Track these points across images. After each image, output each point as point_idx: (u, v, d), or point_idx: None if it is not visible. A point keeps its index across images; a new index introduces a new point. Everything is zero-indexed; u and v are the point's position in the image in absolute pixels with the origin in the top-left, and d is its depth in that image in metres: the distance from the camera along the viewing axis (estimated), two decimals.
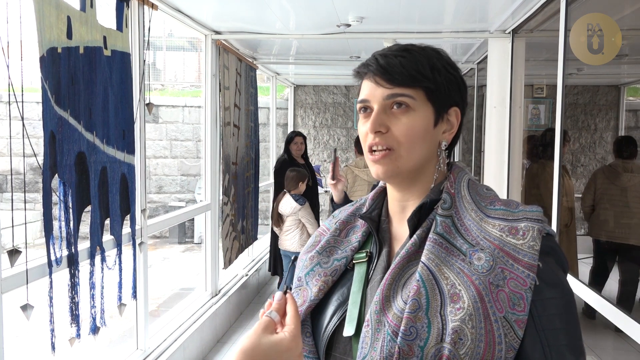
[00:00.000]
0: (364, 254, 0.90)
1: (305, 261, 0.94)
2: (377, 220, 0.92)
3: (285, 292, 0.81)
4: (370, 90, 0.85)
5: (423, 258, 0.80)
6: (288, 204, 4.45)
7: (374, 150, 0.84)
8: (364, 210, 0.94)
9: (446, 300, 0.76)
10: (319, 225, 0.89)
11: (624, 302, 4.01)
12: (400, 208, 0.90)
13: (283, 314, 0.79)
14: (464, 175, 0.88)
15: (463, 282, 0.76)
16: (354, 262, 0.90)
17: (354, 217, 0.96)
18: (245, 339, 0.75)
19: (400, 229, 0.90)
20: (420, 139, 0.83)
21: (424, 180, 0.88)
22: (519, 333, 0.73)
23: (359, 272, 0.88)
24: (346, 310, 0.85)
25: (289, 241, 4.54)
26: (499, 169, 3.93)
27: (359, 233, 0.93)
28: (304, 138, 5.31)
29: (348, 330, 0.83)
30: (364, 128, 0.86)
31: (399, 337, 0.75)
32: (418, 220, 0.85)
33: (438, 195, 0.86)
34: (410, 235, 0.85)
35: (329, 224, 1.00)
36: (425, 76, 0.83)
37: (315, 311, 0.89)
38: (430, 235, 0.81)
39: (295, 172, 4.55)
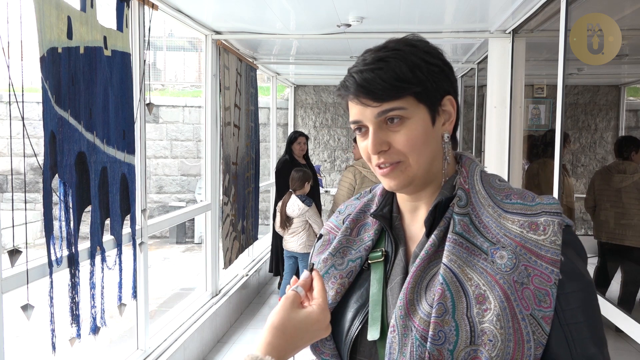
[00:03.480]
0: (380, 253, 0.88)
1: (319, 264, 0.92)
2: (389, 217, 0.90)
3: (311, 270, 0.82)
4: (359, 111, 0.81)
5: (444, 259, 0.78)
6: (295, 205, 4.43)
7: (382, 167, 0.82)
8: (374, 207, 0.92)
9: (472, 302, 0.75)
10: None
11: (625, 302, 4.01)
12: (413, 207, 0.89)
13: (308, 289, 0.80)
14: (476, 168, 0.86)
15: (487, 282, 0.75)
16: (369, 262, 0.88)
17: (363, 214, 0.93)
18: (273, 316, 0.76)
19: (414, 226, 0.88)
20: (423, 143, 0.81)
21: (435, 177, 0.86)
22: (546, 329, 0.73)
23: (376, 272, 0.87)
24: (367, 313, 0.84)
25: (295, 242, 4.51)
26: (499, 169, 3.93)
27: (371, 231, 0.90)
28: (307, 138, 5.31)
29: (373, 335, 0.81)
30: (363, 144, 0.83)
31: (428, 342, 0.74)
32: (434, 219, 0.83)
33: (451, 191, 0.84)
34: (428, 235, 0.83)
35: (336, 221, 0.97)
36: (409, 81, 0.79)
37: (333, 314, 0.87)
38: (449, 235, 0.80)
39: (301, 172, 4.53)
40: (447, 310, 0.75)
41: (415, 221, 0.88)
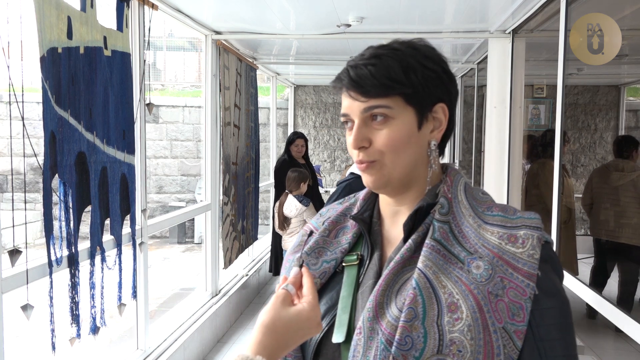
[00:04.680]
0: (355, 257, 0.87)
1: (293, 262, 0.92)
2: (368, 221, 0.90)
3: (300, 267, 0.81)
4: (348, 104, 0.82)
5: (420, 264, 0.77)
6: (293, 205, 4.44)
7: (362, 162, 0.83)
8: (355, 210, 0.91)
9: (443, 310, 0.74)
10: None
11: (623, 302, 4.01)
12: (393, 212, 0.88)
13: (299, 287, 0.79)
14: (460, 179, 0.86)
15: (461, 291, 0.74)
16: (343, 264, 0.87)
17: (344, 217, 0.93)
18: (264, 314, 0.75)
19: (392, 232, 0.88)
20: (404, 145, 0.81)
21: (417, 183, 0.85)
22: (518, 344, 0.72)
23: (349, 275, 0.86)
24: (335, 316, 0.83)
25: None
26: (499, 169, 3.93)
27: (349, 234, 0.90)
28: (306, 140, 5.30)
29: (337, 337, 0.80)
30: (349, 140, 0.83)
31: (393, 347, 0.73)
32: (413, 224, 0.82)
33: (434, 198, 0.83)
34: (405, 240, 0.82)
35: (316, 222, 0.96)
36: (398, 81, 0.79)
37: None
38: (427, 241, 0.79)
39: (297, 172, 4.54)
40: (417, 316, 0.74)
41: (394, 227, 0.87)
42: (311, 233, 0.95)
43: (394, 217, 0.88)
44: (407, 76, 0.79)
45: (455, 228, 0.80)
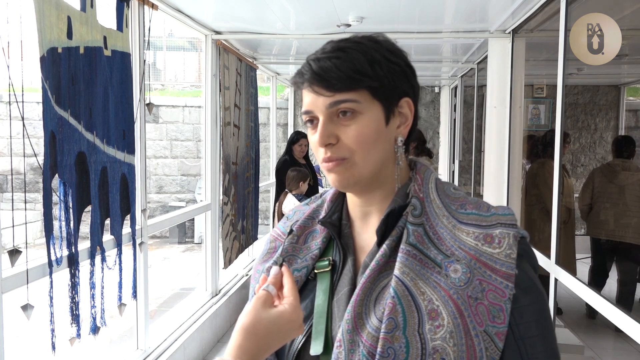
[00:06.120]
0: (327, 263, 0.83)
1: (263, 272, 0.88)
2: (337, 225, 0.86)
3: (280, 266, 0.79)
4: (312, 100, 0.78)
5: (397, 272, 0.75)
6: (292, 204, 4.44)
7: (330, 160, 0.79)
8: (323, 214, 0.87)
9: (424, 318, 0.72)
10: None
11: (623, 301, 4.02)
12: (363, 213, 0.85)
13: (279, 287, 0.77)
14: (430, 175, 0.83)
15: (441, 297, 0.73)
16: (315, 271, 0.84)
17: (312, 220, 0.89)
18: (244, 316, 0.72)
19: (364, 235, 0.85)
20: (374, 141, 0.78)
21: (385, 181, 0.82)
22: (499, 345, 0.71)
23: (322, 282, 0.83)
24: (311, 326, 0.80)
25: None
26: (499, 169, 3.93)
27: (319, 239, 0.86)
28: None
29: (316, 349, 0.78)
30: (313, 139, 0.79)
31: (375, 359, 0.72)
32: (385, 228, 0.80)
33: (405, 199, 0.81)
34: (379, 244, 0.80)
35: (284, 227, 0.92)
36: (365, 74, 0.76)
37: None
38: (402, 246, 0.77)
39: (297, 171, 4.54)
40: (398, 326, 0.72)
41: (365, 229, 0.84)
42: (291, 232, 0.92)
43: (364, 218, 0.85)
44: (373, 69, 0.77)
45: (430, 230, 0.78)
